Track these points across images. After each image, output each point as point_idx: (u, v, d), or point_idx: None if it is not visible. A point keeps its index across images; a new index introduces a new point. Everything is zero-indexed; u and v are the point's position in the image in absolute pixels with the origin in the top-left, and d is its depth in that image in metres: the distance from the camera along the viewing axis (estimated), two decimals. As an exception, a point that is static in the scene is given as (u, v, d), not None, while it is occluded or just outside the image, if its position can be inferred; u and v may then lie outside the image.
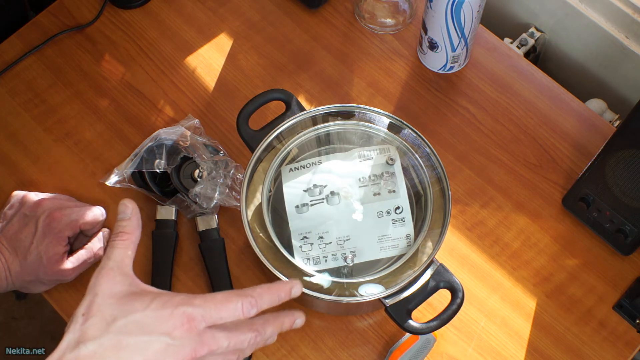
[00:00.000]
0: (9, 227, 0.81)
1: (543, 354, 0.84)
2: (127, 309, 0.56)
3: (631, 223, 0.84)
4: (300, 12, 1.02)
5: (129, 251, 0.61)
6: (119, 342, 0.55)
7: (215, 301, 0.58)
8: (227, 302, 0.58)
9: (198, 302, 0.58)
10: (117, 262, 0.59)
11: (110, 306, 0.56)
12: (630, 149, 0.81)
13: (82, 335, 0.55)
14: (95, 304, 0.56)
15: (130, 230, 0.62)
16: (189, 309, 0.57)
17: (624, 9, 0.98)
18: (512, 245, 0.89)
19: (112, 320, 0.55)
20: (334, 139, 0.83)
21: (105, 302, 0.57)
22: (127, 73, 0.98)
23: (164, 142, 0.87)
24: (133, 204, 0.63)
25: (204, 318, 0.57)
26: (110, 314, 0.56)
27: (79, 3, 1.02)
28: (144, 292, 0.59)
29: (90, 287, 0.58)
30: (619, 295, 0.86)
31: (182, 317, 0.56)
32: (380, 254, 0.77)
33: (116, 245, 0.60)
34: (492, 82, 0.98)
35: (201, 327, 0.57)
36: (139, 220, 0.63)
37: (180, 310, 0.57)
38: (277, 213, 0.80)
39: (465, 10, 0.87)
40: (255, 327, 0.61)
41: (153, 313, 0.56)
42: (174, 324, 0.56)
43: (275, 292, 0.61)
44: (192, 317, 0.56)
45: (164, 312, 0.56)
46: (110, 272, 0.59)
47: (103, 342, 0.55)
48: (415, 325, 0.74)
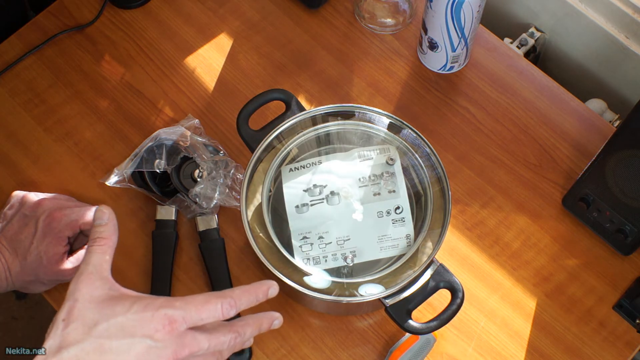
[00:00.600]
0: (9, 227, 0.81)
1: (543, 354, 0.84)
2: (108, 313, 0.57)
3: (631, 223, 0.84)
4: (300, 12, 1.02)
5: (107, 256, 0.61)
6: (101, 346, 0.55)
7: (195, 303, 0.58)
8: (207, 303, 0.59)
9: (179, 304, 0.58)
10: (95, 266, 0.60)
11: (90, 310, 0.57)
12: (630, 149, 0.81)
13: (63, 340, 0.55)
14: (76, 309, 0.57)
15: (107, 235, 0.62)
16: (170, 311, 0.57)
17: (624, 9, 0.98)
18: (512, 245, 0.89)
19: (93, 325, 0.56)
20: (334, 139, 0.83)
21: (86, 307, 0.57)
22: (127, 73, 0.98)
23: (164, 142, 0.87)
24: (109, 210, 0.64)
25: (185, 320, 0.57)
26: (91, 318, 0.56)
27: (79, 3, 1.02)
28: (124, 295, 0.59)
29: (70, 293, 0.58)
30: (619, 295, 0.86)
31: (163, 320, 0.57)
32: (380, 254, 0.77)
33: (94, 251, 0.61)
34: (492, 82, 0.98)
35: (182, 328, 0.57)
36: (115, 225, 0.63)
37: (161, 313, 0.57)
38: (277, 213, 0.80)
39: (465, 10, 0.87)
40: (235, 328, 0.61)
41: (135, 316, 0.57)
42: (156, 326, 0.56)
43: (253, 293, 0.62)
44: (173, 319, 0.57)
45: (145, 314, 0.57)
46: (89, 277, 0.59)
47: (85, 346, 0.55)
48: (415, 325, 0.74)
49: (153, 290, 0.85)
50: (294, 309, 0.85)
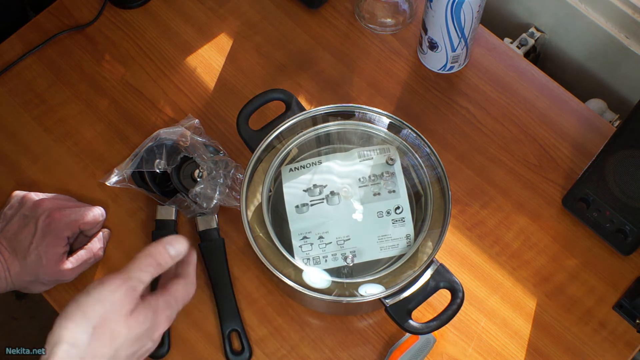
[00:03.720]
0: (9, 228, 0.81)
1: (543, 354, 0.84)
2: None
3: (631, 223, 0.84)
4: (300, 12, 1.02)
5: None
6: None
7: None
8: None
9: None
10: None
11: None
12: (630, 149, 0.81)
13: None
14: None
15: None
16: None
17: (624, 9, 0.98)
18: (512, 245, 0.89)
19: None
20: (334, 139, 0.83)
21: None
22: (127, 73, 0.98)
23: (164, 142, 0.87)
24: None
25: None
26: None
27: (79, 3, 1.02)
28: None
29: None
30: (619, 295, 0.86)
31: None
32: (380, 254, 0.77)
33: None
34: (492, 82, 0.98)
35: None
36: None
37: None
38: (277, 213, 0.80)
39: (465, 10, 0.87)
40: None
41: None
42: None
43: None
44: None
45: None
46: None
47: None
48: (415, 325, 0.74)
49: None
50: (294, 309, 0.85)
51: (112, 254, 0.87)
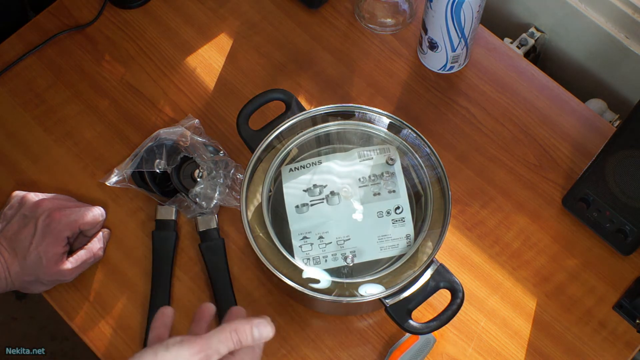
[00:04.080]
0: (9, 228, 0.81)
1: (543, 354, 0.84)
2: None
3: (631, 223, 0.84)
4: (300, 12, 1.02)
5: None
6: None
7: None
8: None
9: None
10: None
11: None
12: (630, 149, 0.81)
13: None
14: None
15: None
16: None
17: (624, 9, 0.98)
18: (512, 245, 0.89)
19: None
20: (334, 139, 0.83)
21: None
22: (127, 73, 0.98)
23: (164, 142, 0.87)
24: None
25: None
26: None
27: (79, 3, 1.02)
28: None
29: None
30: (619, 295, 0.86)
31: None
32: (380, 254, 0.77)
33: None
34: (492, 82, 0.98)
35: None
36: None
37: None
38: (277, 213, 0.80)
39: (465, 10, 0.87)
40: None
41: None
42: None
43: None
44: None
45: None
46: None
47: None
48: (415, 325, 0.74)
49: (153, 290, 0.85)
50: (294, 309, 0.85)
51: (112, 254, 0.87)
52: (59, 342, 1.51)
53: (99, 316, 0.85)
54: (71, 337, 1.50)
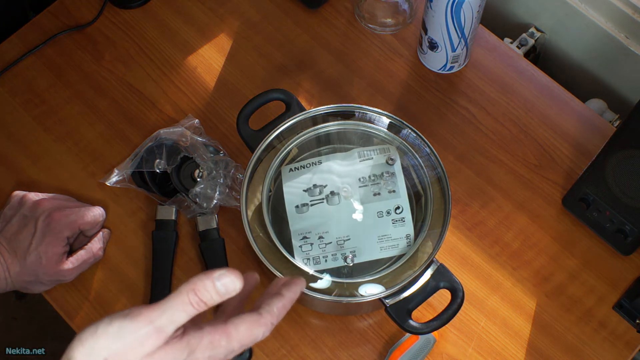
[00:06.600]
0: (9, 228, 0.81)
1: (543, 354, 0.84)
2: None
3: (631, 223, 0.84)
4: (300, 12, 1.02)
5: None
6: None
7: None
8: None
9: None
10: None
11: None
12: (630, 149, 0.81)
13: None
14: None
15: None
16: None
17: (624, 9, 0.98)
18: (512, 245, 0.89)
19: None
20: (334, 139, 0.83)
21: None
22: (127, 73, 0.98)
23: (164, 142, 0.87)
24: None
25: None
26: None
27: (79, 3, 1.02)
28: None
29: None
30: (619, 295, 0.86)
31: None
32: (380, 254, 0.77)
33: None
34: (492, 82, 0.98)
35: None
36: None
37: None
38: (277, 213, 0.80)
39: (465, 10, 0.87)
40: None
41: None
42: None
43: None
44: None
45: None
46: None
47: None
48: (415, 325, 0.74)
49: (153, 290, 0.85)
50: (294, 309, 0.85)
51: (112, 254, 0.87)
52: (59, 342, 1.51)
53: (99, 316, 0.84)
54: (71, 337, 1.49)
